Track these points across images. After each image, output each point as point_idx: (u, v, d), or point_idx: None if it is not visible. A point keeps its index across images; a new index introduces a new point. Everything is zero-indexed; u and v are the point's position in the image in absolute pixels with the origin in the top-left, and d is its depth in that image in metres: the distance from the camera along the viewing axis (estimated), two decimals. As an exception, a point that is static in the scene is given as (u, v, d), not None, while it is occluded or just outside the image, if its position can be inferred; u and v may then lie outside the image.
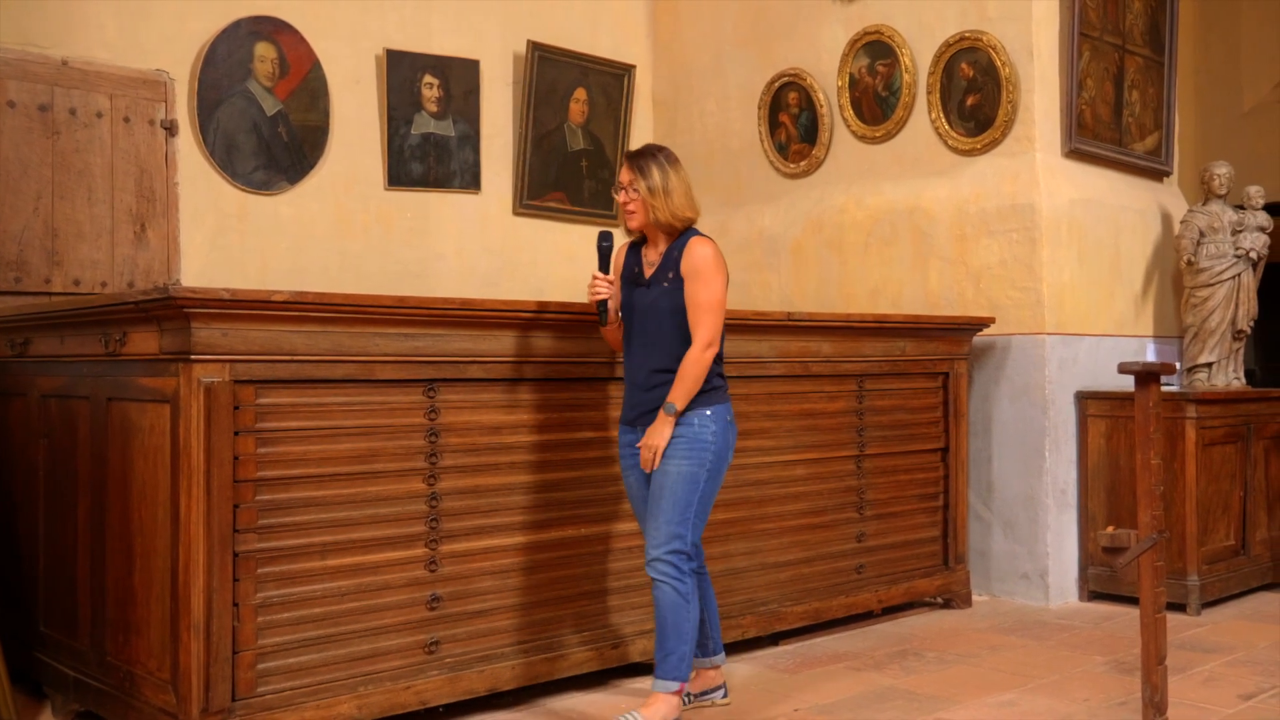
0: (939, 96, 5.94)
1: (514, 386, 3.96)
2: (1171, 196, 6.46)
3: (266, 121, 5.73)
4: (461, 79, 6.38)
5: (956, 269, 5.81)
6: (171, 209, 5.43)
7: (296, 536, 3.47)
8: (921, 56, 6.03)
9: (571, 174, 6.88)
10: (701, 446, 3.61)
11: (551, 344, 4.01)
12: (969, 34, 5.80)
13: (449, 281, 6.34)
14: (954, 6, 5.88)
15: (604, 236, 3.80)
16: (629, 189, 3.68)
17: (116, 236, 5.26)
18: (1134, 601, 4.73)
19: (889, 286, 6.07)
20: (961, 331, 5.50)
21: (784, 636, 4.82)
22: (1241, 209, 5.95)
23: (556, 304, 4.02)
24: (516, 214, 6.68)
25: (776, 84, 6.67)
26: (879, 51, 6.19)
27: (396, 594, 3.68)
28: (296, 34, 5.80)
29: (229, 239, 5.63)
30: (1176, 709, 3.68)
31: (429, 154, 6.30)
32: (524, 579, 3.98)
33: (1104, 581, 5.57)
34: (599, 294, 3.74)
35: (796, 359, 4.82)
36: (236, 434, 3.34)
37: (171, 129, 5.43)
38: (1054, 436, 5.56)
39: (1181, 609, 5.30)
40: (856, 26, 6.28)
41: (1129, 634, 4.84)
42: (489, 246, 6.57)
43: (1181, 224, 5.99)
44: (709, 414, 3.62)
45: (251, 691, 3.37)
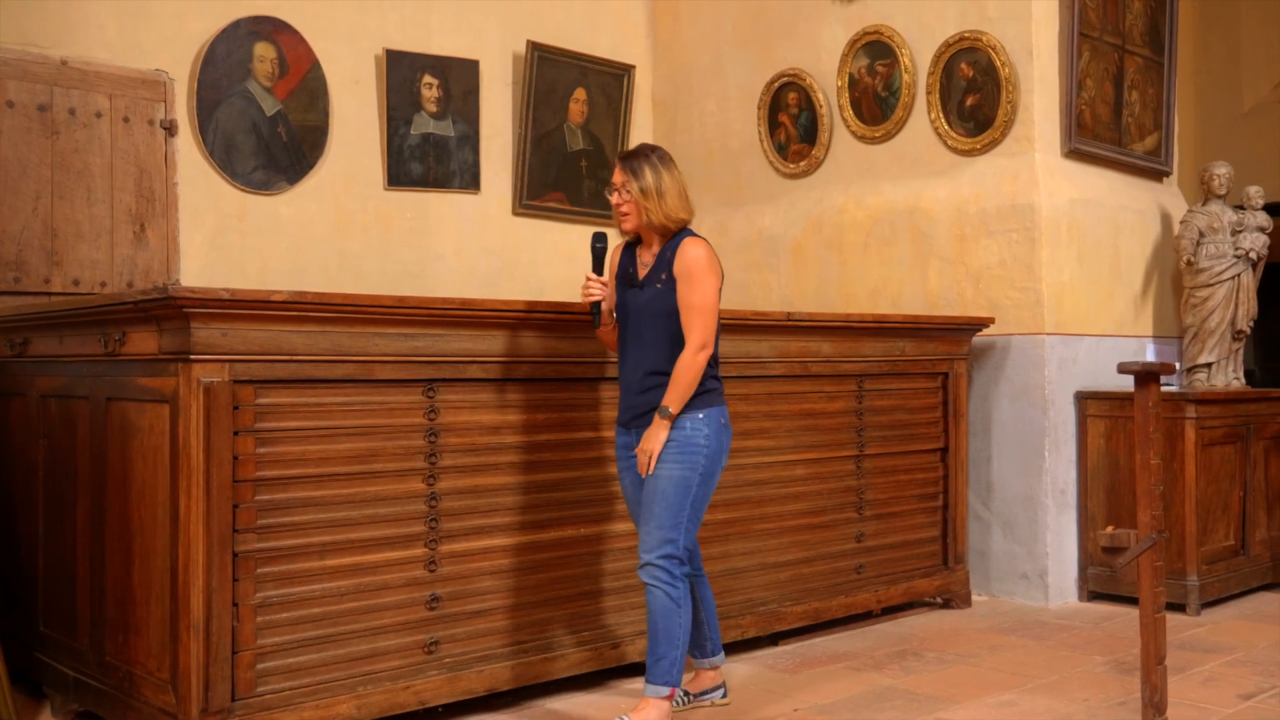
0: (938, 97, 5.95)
1: (514, 386, 3.95)
2: (1171, 197, 6.46)
3: (266, 121, 5.73)
4: (461, 79, 6.38)
5: (956, 269, 5.81)
6: (171, 209, 5.43)
7: (296, 536, 3.47)
8: (921, 56, 6.03)
9: (571, 174, 6.88)
10: (694, 450, 3.59)
11: (551, 344, 4.00)
12: (969, 34, 5.80)
13: (448, 282, 6.34)
14: (954, 6, 5.88)
15: (598, 238, 3.78)
16: (622, 190, 3.65)
17: (116, 236, 5.26)
18: (1133, 601, 4.73)
19: (888, 287, 6.07)
20: (961, 331, 5.50)
21: (783, 636, 4.82)
22: (1241, 209, 5.95)
23: (556, 304, 4.02)
24: (516, 214, 6.68)
25: (776, 84, 6.67)
26: (878, 51, 6.19)
27: (396, 594, 3.68)
28: (296, 34, 5.80)
29: (228, 239, 5.63)
30: (1176, 709, 3.68)
31: (428, 154, 6.30)
32: (523, 579, 3.98)
33: (1103, 581, 5.57)
34: (593, 295, 3.73)
35: (796, 359, 4.82)
36: (236, 434, 3.34)
37: (171, 129, 5.43)
38: (1053, 436, 5.56)
39: (1181, 609, 5.30)
40: (856, 26, 6.28)
41: (1128, 634, 4.84)
42: (488, 247, 6.57)
43: (1181, 224, 5.99)
44: (701, 417, 3.61)
45: (251, 691, 3.37)
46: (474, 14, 6.50)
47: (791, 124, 6.63)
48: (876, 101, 6.24)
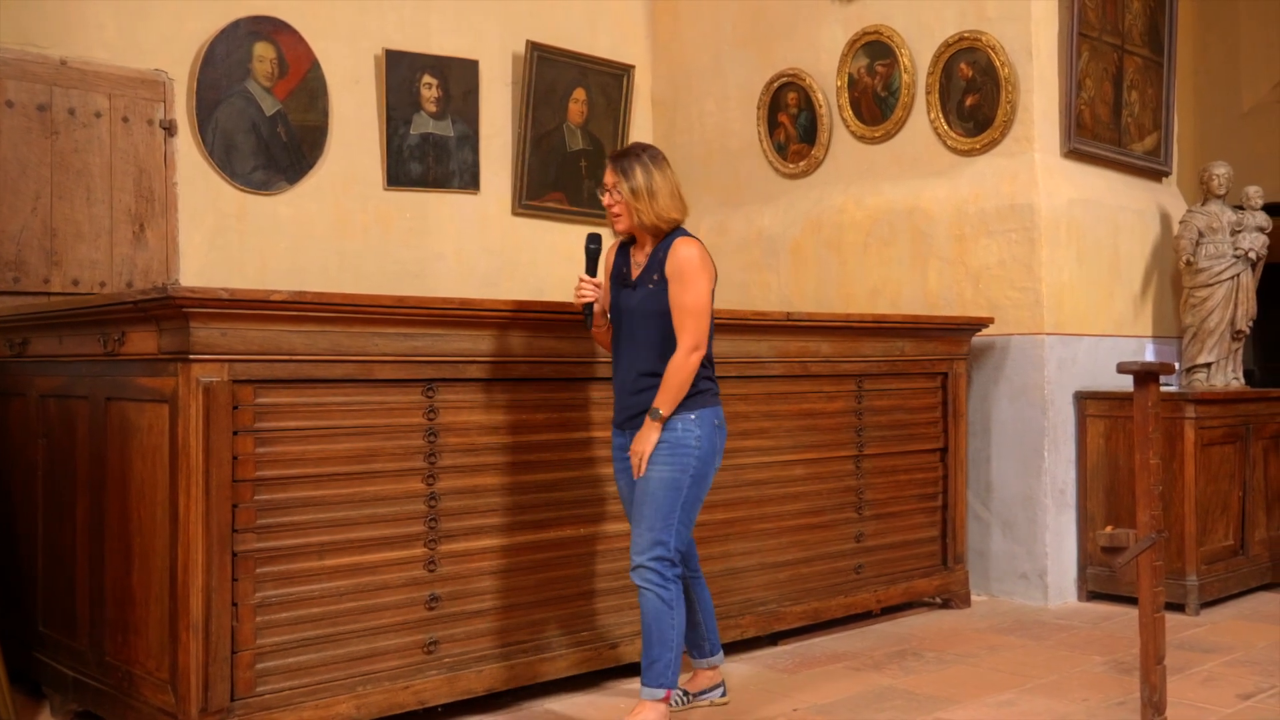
0: (938, 97, 5.95)
1: (513, 386, 3.95)
2: (1170, 197, 6.47)
3: (265, 121, 5.73)
4: (460, 79, 6.38)
5: (955, 269, 5.82)
6: (170, 209, 5.43)
7: (295, 536, 3.47)
8: (920, 57, 6.03)
9: (570, 174, 6.88)
10: (684, 452, 3.57)
11: (551, 344, 4.01)
12: (968, 34, 5.80)
13: (448, 281, 6.34)
14: (953, 7, 5.89)
15: (592, 239, 3.76)
16: (613, 191, 3.63)
17: (115, 236, 5.26)
18: (1133, 601, 4.74)
19: (888, 287, 6.07)
20: (960, 332, 5.50)
21: (783, 636, 4.82)
22: (1240, 209, 5.95)
23: (557, 304, 4.02)
24: (515, 214, 6.68)
25: (775, 84, 6.67)
26: (878, 52, 6.20)
27: (395, 594, 3.68)
28: (295, 34, 5.80)
29: (228, 239, 5.63)
30: (1175, 709, 3.68)
31: (428, 154, 6.30)
32: (523, 579, 3.98)
33: (1103, 581, 5.57)
34: (585, 297, 3.70)
35: (795, 359, 4.82)
36: (235, 434, 3.34)
37: (170, 129, 5.43)
38: (1053, 436, 5.56)
39: (1180, 609, 5.30)
40: (855, 27, 6.28)
41: (1128, 634, 4.84)
42: (488, 247, 6.57)
43: (1180, 224, 5.99)
44: (693, 418, 3.59)
45: (250, 691, 3.37)
46: (473, 14, 6.50)
47: (791, 124, 6.63)
48: (876, 101, 6.24)
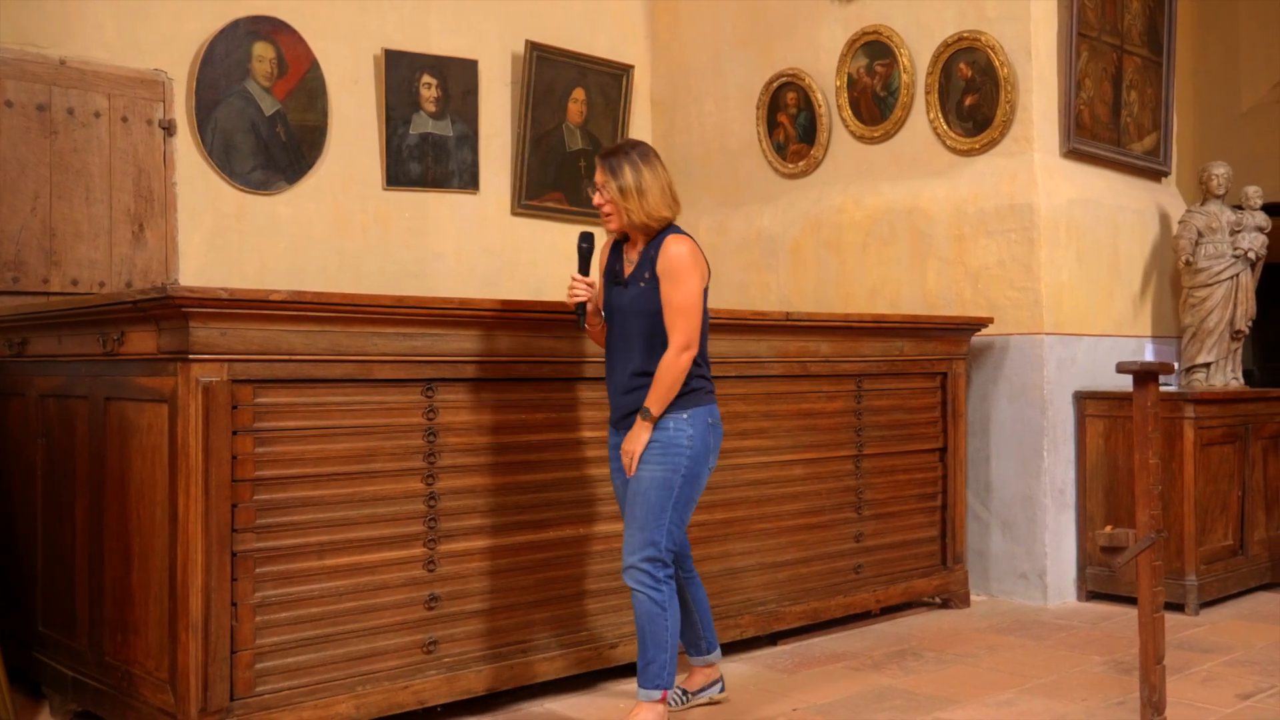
0: (937, 97, 5.95)
1: (512, 386, 3.95)
2: (1170, 197, 6.47)
3: (265, 121, 5.73)
4: (460, 79, 6.38)
5: (955, 269, 5.82)
6: (169, 209, 5.43)
7: (295, 536, 3.47)
8: (920, 56, 6.03)
9: (570, 174, 6.88)
10: (676, 451, 3.55)
11: (550, 344, 4.01)
12: (967, 34, 5.80)
13: (447, 281, 6.33)
14: (952, 6, 5.89)
15: (584, 238, 3.74)
16: (603, 190, 3.61)
17: (114, 236, 5.26)
18: (1132, 601, 4.74)
19: (887, 286, 6.07)
20: (960, 331, 5.50)
21: (782, 636, 4.82)
22: (1240, 209, 5.96)
23: (555, 304, 4.02)
24: (515, 214, 6.68)
25: (775, 84, 6.67)
26: (877, 52, 6.20)
27: (394, 594, 3.67)
28: (295, 34, 5.79)
29: (227, 239, 5.62)
30: (1174, 709, 3.68)
31: (427, 154, 6.30)
32: (523, 579, 3.97)
33: (1102, 581, 5.57)
34: (577, 296, 3.69)
35: (795, 359, 4.82)
36: (234, 433, 3.34)
37: (169, 129, 5.43)
38: (1052, 436, 5.57)
39: (1180, 609, 5.30)
40: (855, 27, 6.28)
41: (1127, 634, 4.84)
42: (487, 246, 6.57)
43: (1180, 224, 5.99)
44: (685, 417, 3.57)
45: (250, 691, 3.36)
46: (473, 14, 6.50)
47: (790, 124, 6.63)
48: (875, 101, 6.24)
